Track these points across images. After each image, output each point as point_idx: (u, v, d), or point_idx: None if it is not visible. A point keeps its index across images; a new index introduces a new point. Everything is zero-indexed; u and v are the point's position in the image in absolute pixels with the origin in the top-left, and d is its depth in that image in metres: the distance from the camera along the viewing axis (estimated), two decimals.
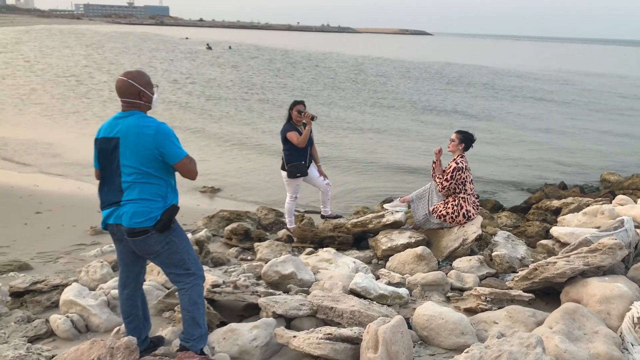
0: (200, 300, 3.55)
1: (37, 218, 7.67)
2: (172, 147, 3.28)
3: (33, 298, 4.69)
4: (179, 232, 3.46)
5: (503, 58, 72.19)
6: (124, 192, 3.30)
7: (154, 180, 3.30)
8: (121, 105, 3.38)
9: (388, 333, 3.04)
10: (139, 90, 3.32)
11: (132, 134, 3.24)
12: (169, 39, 78.06)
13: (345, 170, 12.39)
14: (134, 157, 3.24)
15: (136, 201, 3.27)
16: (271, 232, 7.39)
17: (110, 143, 3.30)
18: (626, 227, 4.97)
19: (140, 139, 3.22)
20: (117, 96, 3.36)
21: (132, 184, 3.28)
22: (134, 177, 3.27)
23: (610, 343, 3.50)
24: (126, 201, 3.29)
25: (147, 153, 3.23)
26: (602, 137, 17.74)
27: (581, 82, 38.36)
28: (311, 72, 37.46)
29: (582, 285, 4.24)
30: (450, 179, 5.98)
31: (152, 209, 3.28)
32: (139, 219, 3.26)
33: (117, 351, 3.34)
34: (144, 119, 3.31)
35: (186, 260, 3.47)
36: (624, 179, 10.86)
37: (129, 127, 3.26)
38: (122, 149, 3.26)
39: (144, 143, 3.22)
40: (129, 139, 3.24)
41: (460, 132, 6.15)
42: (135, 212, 3.26)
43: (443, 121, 19.72)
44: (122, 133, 3.26)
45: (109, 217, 3.36)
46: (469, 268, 5.41)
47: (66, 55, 40.36)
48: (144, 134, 3.22)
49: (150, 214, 3.27)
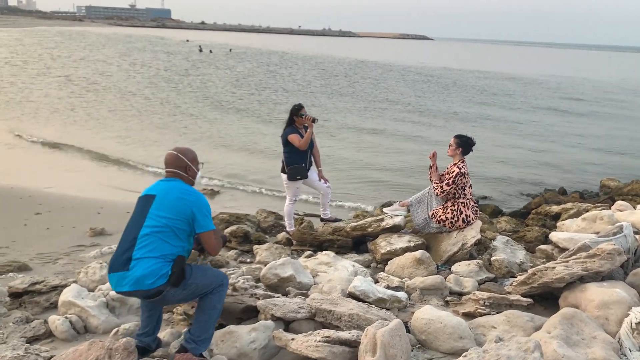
0: (219, 306, 3.61)
1: (36, 219, 7.68)
2: (205, 217, 3.47)
3: (32, 299, 4.69)
4: (194, 271, 3.50)
5: (502, 63, 72.27)
6: (136, 243, 3.34)
7: (172, 240, 3.37)
8: (165, 173, 3.62)
9: (386, 336, 3.04)
10: (186, 164, 3.57)
11: (173, 192, 3.44)
12: (167, 41, 78.30)
13: (341, 171, 12.44)
14: (168, 208, 3.39)
15: (144, 259, 3.29)
16: (270, 235, 7.39)
17: (149, 200, 3.47)
18: (625, 232, 4.97)
19: (179, 197, 3.41)
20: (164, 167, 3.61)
21: (150, 235, 3.33)
22: (156, 228, 3.34)
23: (609, 348, 3.50)
24: (135, 260, 3.30)
25: (181, 209, 3.39)
26: (601, 143, 17.76)
27: (577, 87, 38.45)
28: (309, 73, 37.58)
29: (580, 290, 4.25)
30: (451, 184, 5.98)
31: (161, 266, 3.32)
32: (150, 279, 3.28)
33: (116, 352, 3.35)
34: (186, 185, 3.54)
35: (210, 283, 3.54)
36: (624, 185, 10.87)
37: (171, 188, 3.48)
38: (158, 202, 3.42)
39: (183, 201, 3.40)
40: (168, 195, 3.43)
41: (458, 136, 6.14)
42: (144, 274, 3.27)
43: (438, 123, 19.77)
44: (162, 191, 3.47)
45: (119, 284, 3.35)
46: (468, 272, 5.40)
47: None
48: (185, 195, 3.43)
49: (160, 271, 3.30)
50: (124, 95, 22.94)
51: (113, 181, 10.70)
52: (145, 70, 33.80)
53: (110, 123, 16.97)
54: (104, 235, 7.16)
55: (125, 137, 15.05)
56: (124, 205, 8.80)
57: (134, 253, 3.31)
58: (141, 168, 11.96)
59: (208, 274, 3.60)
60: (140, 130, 16.16)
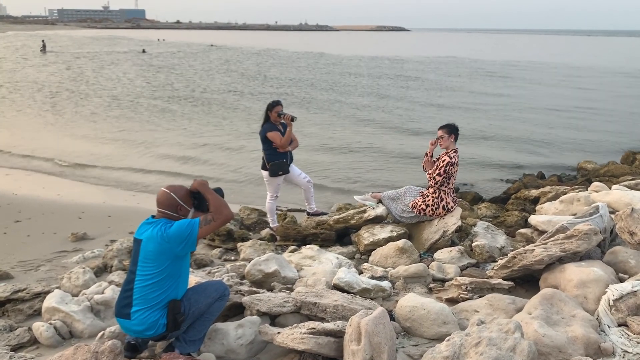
0: (217, 314, 3.67)
1: (16, 227, 7.58)
2: (184, 236, 3.34)
3: (15, 307, 4.64)
4: (192, 298, 3.52)
5: (477, 50, 72.92)
6: (133, 293, 3.38)
7: (166, 284, 3.39)
8: (157, 212, 3.53)
9: (370, 325, 3.08)
10: (177, 203, 3.51)
11: (153, 242, 3.35)
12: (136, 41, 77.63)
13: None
14: (152, 259, 3.35)
15: (141, 311, 3.35)
16: (254, 232, 7.40)
17: (137, 244, 3.43)
18: (601, 213, 5.08)
19: (159, 245, 3.33)
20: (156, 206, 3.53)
21: (144, 287, 3.36)
22: (147, 277, 3.36)
23: (588, 326, 3.58)
24: (134, 312, 3.36)
25: (165, 254, 3.34)
26: (579, 126, 18.03)
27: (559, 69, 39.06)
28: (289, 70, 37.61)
29: (559, 271, 4.34)
30: (443, 173, 6.03)
31: (159, 316, 3.37)
32: (150, 331, 3.38)
33: (102, 355, 3.35)
34: (165, 226, 3.38)
35: (212, 298, 3.58)
36: (600, 167, 11.07)
37: (151, 237, 3.36)
38: (143, 252, 3.38)
39: (163, 247, 3.33)
40: (149, 245, 3.36)
41: (444, 126, 6.14)
42: (144, 328, 3.37)
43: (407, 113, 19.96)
44: (146, 239, 3.39)
45: (125, 329, 3.49)
46: (450, 259, 5.48)
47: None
48: (163, 242, 3.33)
49: (157, 322, 3.37)
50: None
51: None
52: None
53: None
54: (86, 239, 7.10)
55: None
56: (105, 209, 8.75)
57: (133, 302, 3.37)
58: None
59: (208, 290, 3.62)
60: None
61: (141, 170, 11.79)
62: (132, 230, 6.96)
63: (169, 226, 3.37)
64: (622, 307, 3.72)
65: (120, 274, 5.47)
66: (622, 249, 4.66)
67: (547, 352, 3.32)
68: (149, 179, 11.02)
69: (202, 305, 3.54)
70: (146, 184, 10.66)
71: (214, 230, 3.65)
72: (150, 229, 3.41)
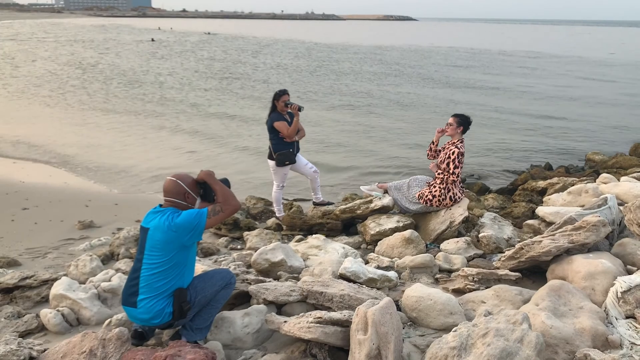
0: (223, 302, 3.68)
1: (24, 214, 7.61)
2: (192, 225, 3.34)
3: (23, 294, 4.67)
4: (198, 286, 3.53)
5: (489, 41, 72.38)
6: (139, 281, 3.39)
7: (172, 273, 3.39)
8: (164, 201, 3.53)
9: (377, 314, 3.07)
10: (185, 191, 3.51)
11: (160, 230, 3.35)
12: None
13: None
14: (159, 248, 3.36)
15: (147, 299, 3.37)
16: (260, 221, 7.41)
17: (144, 232, 3.44)
18: (609, 204, 5.05)
19: (166, 233, 3.33)
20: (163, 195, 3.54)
21: (150, 276, 3.37)
22: (153, 266, 3.37)
23: (595, 318, 3.57)
24: (140, 300, 3.38)
25: (172, 244, 3.35)
26: (586, 117, 17.89)
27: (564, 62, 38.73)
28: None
29: (567, 262, 4.31)
30: (459, 165, 6.00)
31: (165, 305, 3.38)
32: (156, 320, 3.40)
33: (109, 342, 3.36)
34: (173, 215, 3.39)
35: (218, 287, 3.60)
36: (608, 158, 10.99)
37: (159, 225, 3.37)
38: (150, 240, 3.39)
39: (169, 236, 3.33)
40: (156, 234, 3.36)
41: (457, 115, 6.11)
42: (150, 316, 3.38)
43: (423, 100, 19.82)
44: (153, 228, 3.39)
45: (132, 317, 3.51)
46: (457, 250, 5.47)
47: None
48: (170, 231, 3.33)
49: (163, 311, 3.38)
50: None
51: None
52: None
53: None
54: (93, 227, 7.13)
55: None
56: (112, 197, 8.78)
57: (139, 291, 3.39)
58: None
59: (215, 278, 3.63)
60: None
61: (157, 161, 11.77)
62: (139, 219, 6.98)
63: (176, 215, 3.37)
64: (630, 299, 3.70)
65: (127, 261, 5.49)
66: (631, 241, 4.63)
67: (555, 343, 3.31)
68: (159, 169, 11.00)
69: (208, 293, 3.55)
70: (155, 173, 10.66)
71: (222, 221, 3.65)
72: (157, 217, 3.41)
